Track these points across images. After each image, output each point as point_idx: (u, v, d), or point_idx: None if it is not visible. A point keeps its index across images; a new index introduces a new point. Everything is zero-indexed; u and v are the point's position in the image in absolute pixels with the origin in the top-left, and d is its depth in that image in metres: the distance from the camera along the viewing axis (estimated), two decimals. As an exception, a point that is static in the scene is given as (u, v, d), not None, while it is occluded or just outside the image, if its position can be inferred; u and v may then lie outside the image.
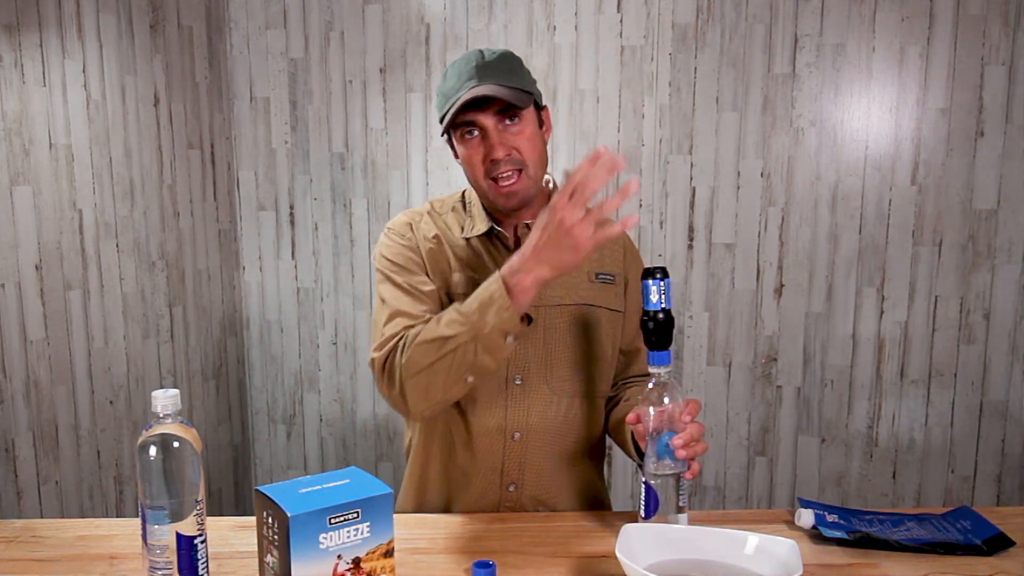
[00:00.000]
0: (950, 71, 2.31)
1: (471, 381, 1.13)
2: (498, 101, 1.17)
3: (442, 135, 1.26)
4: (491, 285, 1.08)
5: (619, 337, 1.33)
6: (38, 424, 1.76)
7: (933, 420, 2.45)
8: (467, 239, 1.28)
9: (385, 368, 1.17)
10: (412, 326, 1.17)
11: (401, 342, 1.16)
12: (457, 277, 1.26)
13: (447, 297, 1.25)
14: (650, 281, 1.07)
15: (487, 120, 1.18)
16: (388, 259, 1.27)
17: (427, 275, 1.25)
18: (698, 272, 2.48)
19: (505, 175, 1.19)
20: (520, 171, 1.20)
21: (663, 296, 1.07)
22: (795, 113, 2.38)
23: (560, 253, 1.03)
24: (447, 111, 1.19)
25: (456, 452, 1.28)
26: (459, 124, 1.20)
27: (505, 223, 1.29)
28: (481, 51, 1.22)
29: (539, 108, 1.27)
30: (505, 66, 1.21)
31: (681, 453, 1.04)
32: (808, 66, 2.36)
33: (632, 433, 1.16)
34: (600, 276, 1.31)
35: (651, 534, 1.00)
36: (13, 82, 1.67)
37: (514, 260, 1.08)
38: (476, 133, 1.20)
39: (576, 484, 1.32)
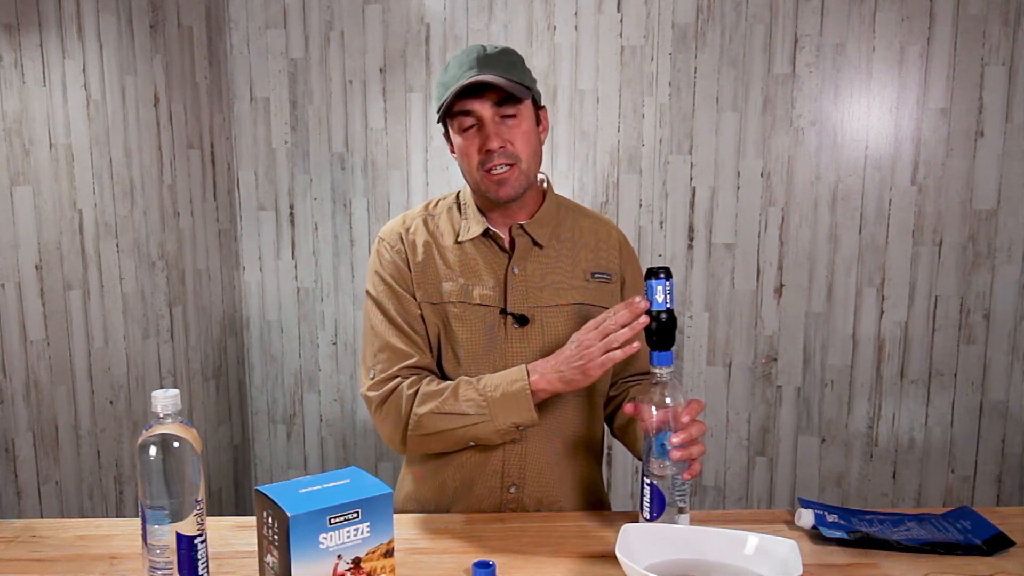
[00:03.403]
0: (950, 71, 2.31)
1: (473, 445, 1.23)
2: (496, 92, 1.19)
3: (438, 122, 1.27)
4: (517, 382, 1.16)
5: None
6: (38, 424, 1.76)
7: (933, 420, 2.45)
8: (461, 242, 1.29)
9: (383, 410, 1.23)
10: (407, 367, 1.24)
11: (407, 390, 1.21)
12: (449, 286, 1.27)
13: (438, 305, 1.27)
14: (655, 281, 1.07)
15: (484, 111, 1.20)
16: (379, 277, 1.29)
17: (414, 294, 1.28)
18: (698, 272, 2.48)
19: (498, 167, 1.21)
20: (513, 164, 1.21)
21: (668, 296, 1.07)
22: (795, 113, 2.38)
23: (573, 372, 1.13)
24: (446, 99, 1.20)
25: (456, 455, 1.28)
26: (456, 113, 1.22)
27: (499, 224, 1.29)
28: (483, 45, 1.23)
29: (537, 106, 1.27)
30: (506, 59, 1.22)
31: (675, 454, 1.04)
32: (808, 66, 2.36)
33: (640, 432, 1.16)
34: (596, 275, 1.31)
35: (651, 534, 1.00)
36: (13, 82, 1.67)
37: (539, 364, 1.17)
38: (472, 125, 1.22)
39: (576, 484, 1.32)
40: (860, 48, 2.33)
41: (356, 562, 0.84)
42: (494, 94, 1.19)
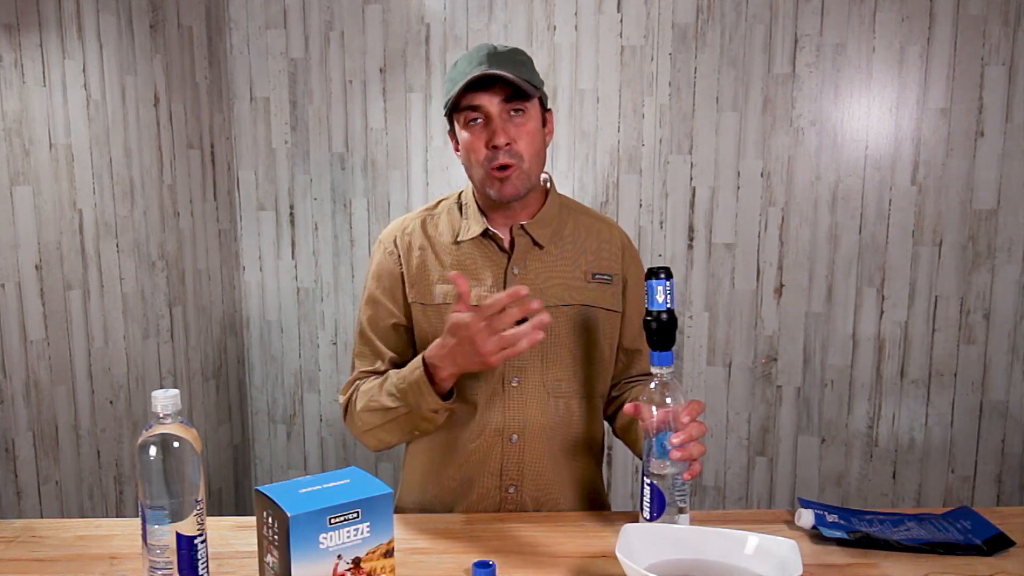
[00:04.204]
0: (950, 71, 2.31)
1: (419, 435, 1.26)
2: (505, 88, 1.19)
3: (445, 115, 1.27)
4: (416, 371, 1.16)
5: (616, 337, 1.33)
6: (38, 424, 1.76)
7: (933, 420, 2.45)
8: (460, 242, 1.29)
9: (346, 414, 1.30)
10: (366, 372, 1.30)
11: (353, 394, 1.28)
12: (445, 288, 1.27)
13: (432, 307, 1.28)
14: (655, 281, 1.07)
15: (492, 106, 1.20)
16: (368, 288, 1.33)
17: (399, 299, 1.30)
18: (698, 272, 2.48)
19: (502, 164, 1.20)
20: (516, 164, 1.21)
21: (668, 296, 1.07)
22: (795, 113, 2.38)
23: (468, 361, 1.10)
24: (455, 91, 1.21)
25: (455, 455, 1.28)
26: (464, 108, 1.21)
27: (500, 224, 1.29)
28: (494, 44, 1.24)
29: (544, 108, 1.27)
30: (516, 58, 1.23)
31: (676, 454, 1.03)
32: (808, 66, 2.36)
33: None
34: (597, 276, 1.30)
35: (651, 534, 1.00)
36: (13, 82, 1.67)
37: (432, 351, 1.15)
38: (480, 120, 1.22)
39: (575, 484, 1.32)
40: (860, 48, 2.33)
41: (356, 562, 0.84)
42: (503, 89, 1.19)
